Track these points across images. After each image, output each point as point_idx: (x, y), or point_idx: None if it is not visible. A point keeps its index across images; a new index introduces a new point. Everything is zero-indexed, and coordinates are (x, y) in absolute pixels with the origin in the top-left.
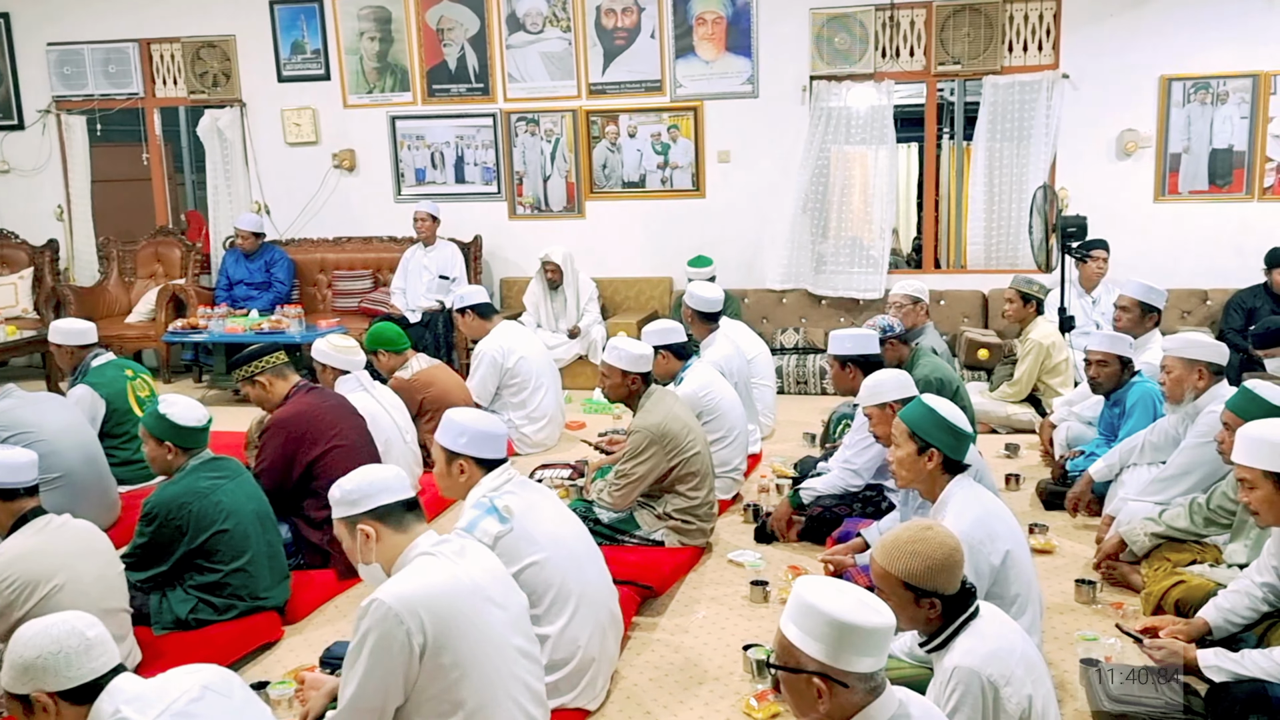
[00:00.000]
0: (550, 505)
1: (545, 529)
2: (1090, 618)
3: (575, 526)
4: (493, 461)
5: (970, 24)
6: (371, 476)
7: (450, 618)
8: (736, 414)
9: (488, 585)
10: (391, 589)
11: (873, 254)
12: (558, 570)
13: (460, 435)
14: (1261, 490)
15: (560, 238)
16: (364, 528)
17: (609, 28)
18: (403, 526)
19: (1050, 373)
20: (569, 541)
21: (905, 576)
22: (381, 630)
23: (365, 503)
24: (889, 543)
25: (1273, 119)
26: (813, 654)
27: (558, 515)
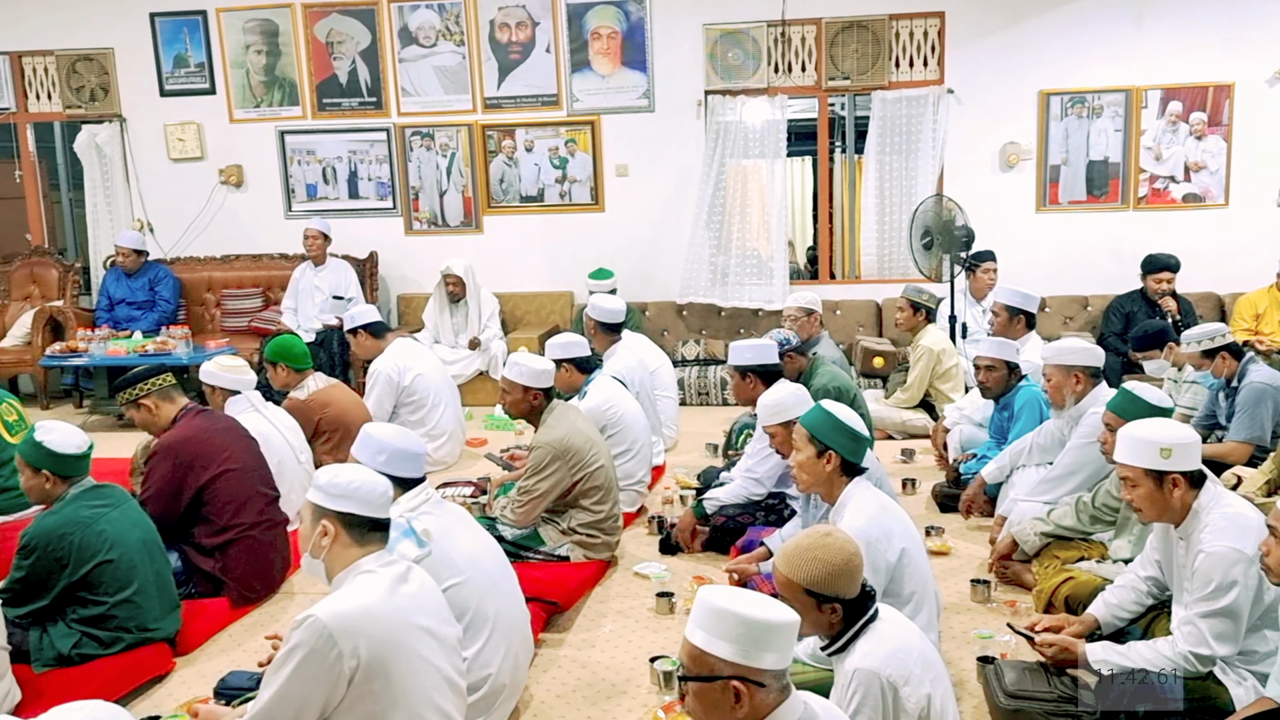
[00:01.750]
0: (467, 526)
1: (464, 551)
2: (986, 616)
3: (491, 548)
4: (410, 481)
5: (859, 40)
6: (362, 483)
7: (386, 644)
8: (640, 426)
9: (424, 613)
10: (331, 607)
11: (771, 266)
12: (475, 593)
13: (379, 453)
14: (1143, 488)
15: (458, 253)
16: (326, 523)
17: (503, 42)
18: (362, 541)
19: (941, 379)
20: (486, 564)
21: (807, 583)
22: (312, 647)
23: (340, 502)
24: (790, 550)
25: (1145, 132)
26: (725, 656)
27: (474, 537)
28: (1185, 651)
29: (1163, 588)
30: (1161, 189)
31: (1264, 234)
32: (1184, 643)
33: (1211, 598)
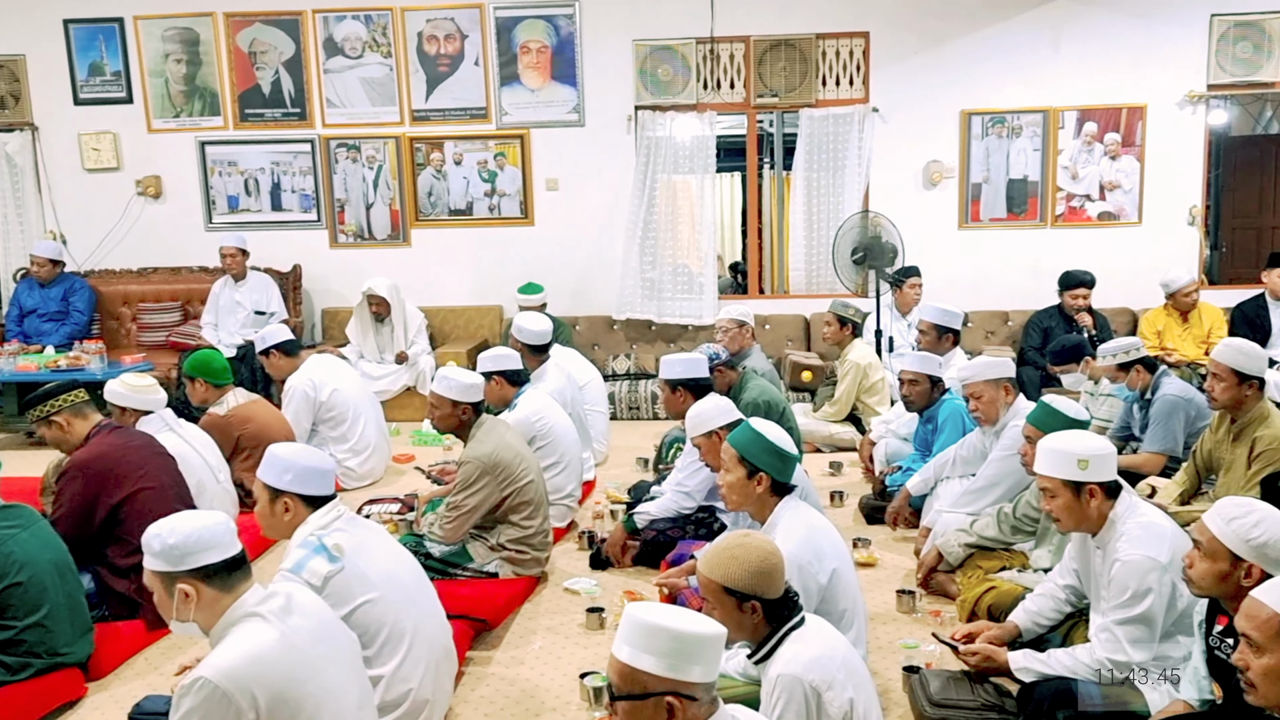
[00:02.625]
0: (381, 542)
1: (378, 567)
2: (911, 626)
3: (408, 563)
4: (320, 498)
5: (786, 59)
6: (196, 531)
7: (284, 685)
8: (570, 440)
9: (319, 640)
10: (217, 664)
11: (701, 281)
12: (391, 609)
13: (285, 472)
14: (1061, 498)
15: (385, 267)
16: (184, 587)
17: (431, 54)
18: (228, 586)
19: (868, 392)
20: (402, 579)
21: (725, 581)
22: (206, 711)
23: (189, 560)
24: (710, 552)
25: (1062, 151)
26: (655, 671)
27: (390, 552)
28: (1102, 658)
29: (1081, 596)
30: (1078, 207)
31: (1175, 251)
32: (1101, 649)
33: (1127, 605)
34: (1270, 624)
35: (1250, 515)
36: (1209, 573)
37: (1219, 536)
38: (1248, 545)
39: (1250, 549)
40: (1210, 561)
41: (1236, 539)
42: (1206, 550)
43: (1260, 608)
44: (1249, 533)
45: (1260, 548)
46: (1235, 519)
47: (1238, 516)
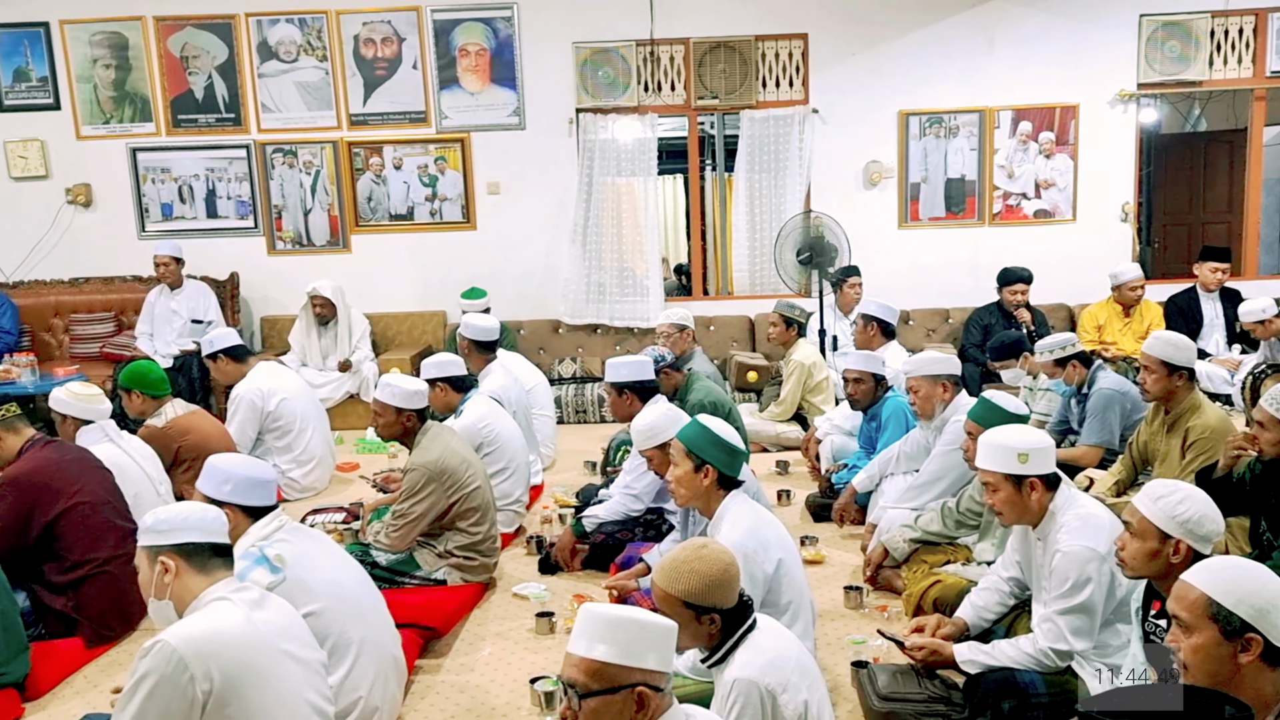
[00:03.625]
0: (326, 551)
1: (321, 576)
2: (859, 622)
3: (354, 571)
4: (261, 509)
5: (726, 61)
6: (188, 511)
7: (241, 668)
8: (517, 445)
9: (285, 638)
10: (180, 631)
11: (646, 283)
12: (336, 619)
13: (224, 483)
14: (1003, 492)
15: (325, 273)
16: (165, 560)
17: (368, 58)
18: (206, 569)
19: (813, 391)
20: (348, 588)
21: (685, 596)
22: (162, 674)
23: (174, 535)
24: (667, 564)
25: (998, 151)
26: (618, 661)
27: (334, 561)
28: (1045, 648)
29: (1024, 587)
30: (1014, 205)
31: (1109, 247)
32: (1044, 639)
33: (1068, 595)
34: (1198, 604)
35: (1176, 493)
36: (1139, 552)
37: (1147, 515)
38: (1174, 522)
39: (1177, 525)
40: (1140, 541)
41: (1164, 516)
42: (1136, 530)
43: (1189, 589)
44: (1175, 509)
45: (1186, 523)
46: (1162, 498)
47: (1164, 495)
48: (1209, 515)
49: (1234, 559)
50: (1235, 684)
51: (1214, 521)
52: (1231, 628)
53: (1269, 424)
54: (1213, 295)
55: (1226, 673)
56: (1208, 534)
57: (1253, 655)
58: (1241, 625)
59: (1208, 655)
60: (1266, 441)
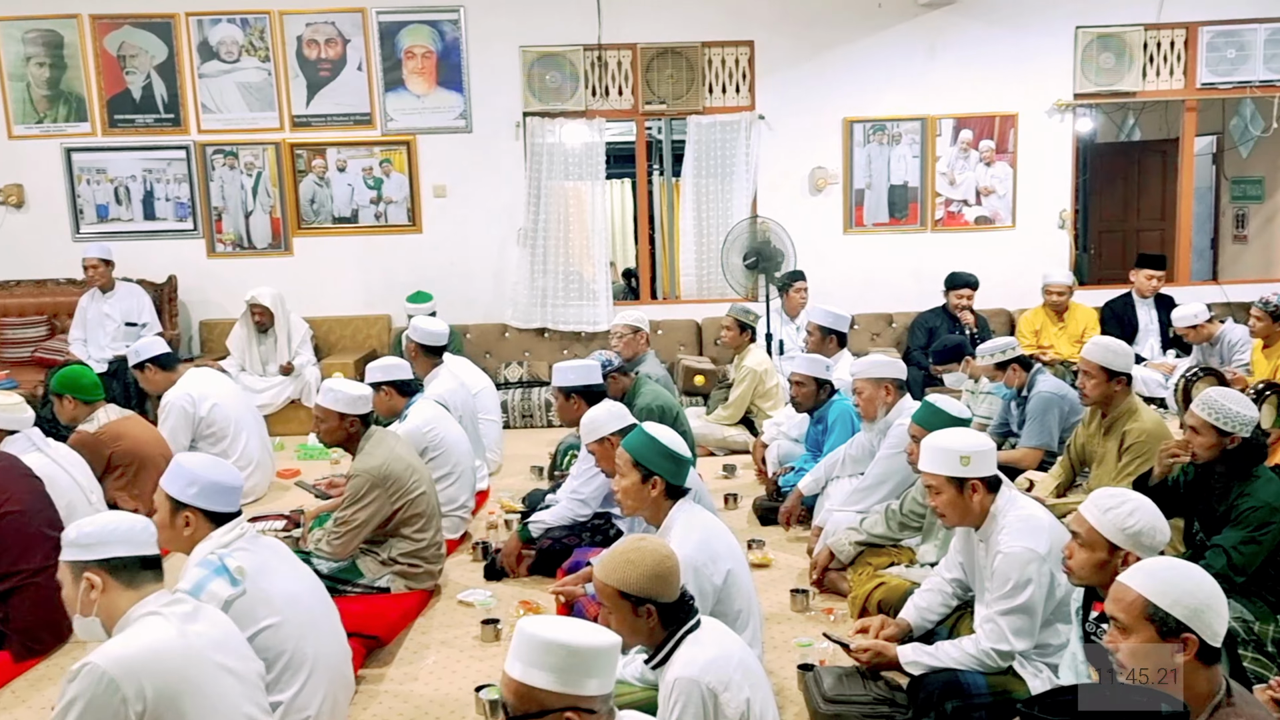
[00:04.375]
0: (286, 563)
1: (281, 589)
2: (805, 625)
3: (311, 584)
4: (223, 515)
5: (673, 66)
6: (113, 524)
7: (175, 685)
8: (462, 450)
9: (221, 651)
10: (109, 651)
11: (594, 287)
12: (293, 634)
13: (190, 484)
14: (946, 494)
15: (266, 276)
16: (90, 576)
17: (312, 58)
18: (135, 584)
19: (763, 397)
20: (305, 601)
21: (621, 585)
22: (92, 697)
23: (98, 549)
24: (605, 557)
25: (939, 158)
26: (551, 687)
27: (293, 573)
28: (987, 648)
29: (966, 588)
30: (956, 212)
31: (1047, 254)
32: (986, 640)
33: (1009, 595)
34: (1135, 606)
35: (1125, 505)
36: (1088, 562)
37: (1097, 527)
38: (1124, 534)
39: (1126, 537)
40: (1089, 551)
41: (1113, 528)
42: (1085, 541)
43: (1126, 591)
44: (1124, 521)
45: (1135, 535)
46: (1111, 509)
47: (1113, 507)
48: (1158, 527)
49: (1169, 560)
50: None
51: (1162, 533)
52: (1167, 628)
53: (1201, 428)
54: (1147, 301)
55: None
56: (1155, 545)
57: (1188, 655)
58: (1177, 625)
59: (1145, 656)
60: (1199, 445)
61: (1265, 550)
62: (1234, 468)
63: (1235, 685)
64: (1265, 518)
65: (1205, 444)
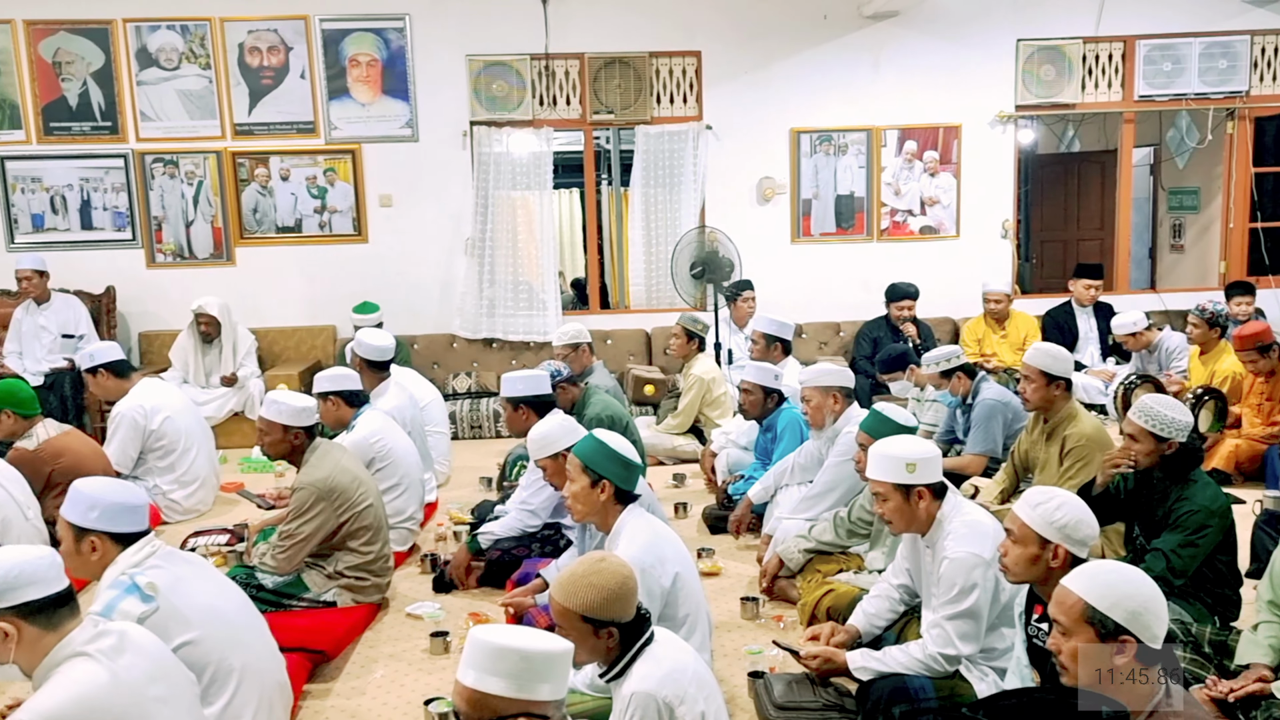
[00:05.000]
0: (203, 576)
1: (198, 603)
2: (755, 632)
3: (233, 596)
4: (131, 535)
5: (621, 76)
6: (17, 565)
7: None
8: (410, 461)
9: (153, 681)
10: (39, 708)
11: (543, 297)
12: (215, 647)
13: (90, 509)
14: (893, 501)
15: (208, 286)
16: (3, 626)
17: (254, 66)
18: (53, 624)
19: (711, 405)
20: (226, 614)
21: (584, 610)
22: None
23: (8, 596)
24: (565, 579)
25: (885, 169)
26: (504, 693)
27: (212, 587)
28: (934, 653)
29: (913, 594)
30: (901, 222)
31: (991, 263)
32: (933, 644)
33: (955, 600)
34: (1075, 608)
35: (1053, 500)
36: (1021, 558)
37: (1027, 522)
38: (1052, 527)
39: (1055, 530)
40: (1021, 547)
41: (1042, 522)
42: (1018, 537)
43: (1067, 594)
44: (1052, 515)
45: (1063, 528)
46: (1040, 504)
47: (1042, 502)
48: (1084, 520)
49: (1110, 563)
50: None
51: (1089, 526)
52: (1106, 630)
53: (1139, 435)
54: (1087, 310)
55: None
56: (1084, 538)
57: (1127, 657)
58: (1116, 628)
59: (1086, 657)
60: (1138, 452)
61: (1203, 553)
62: (1172, 473)
63: (1175, 686)
64: (1203, 521)
65: (1144, 451)
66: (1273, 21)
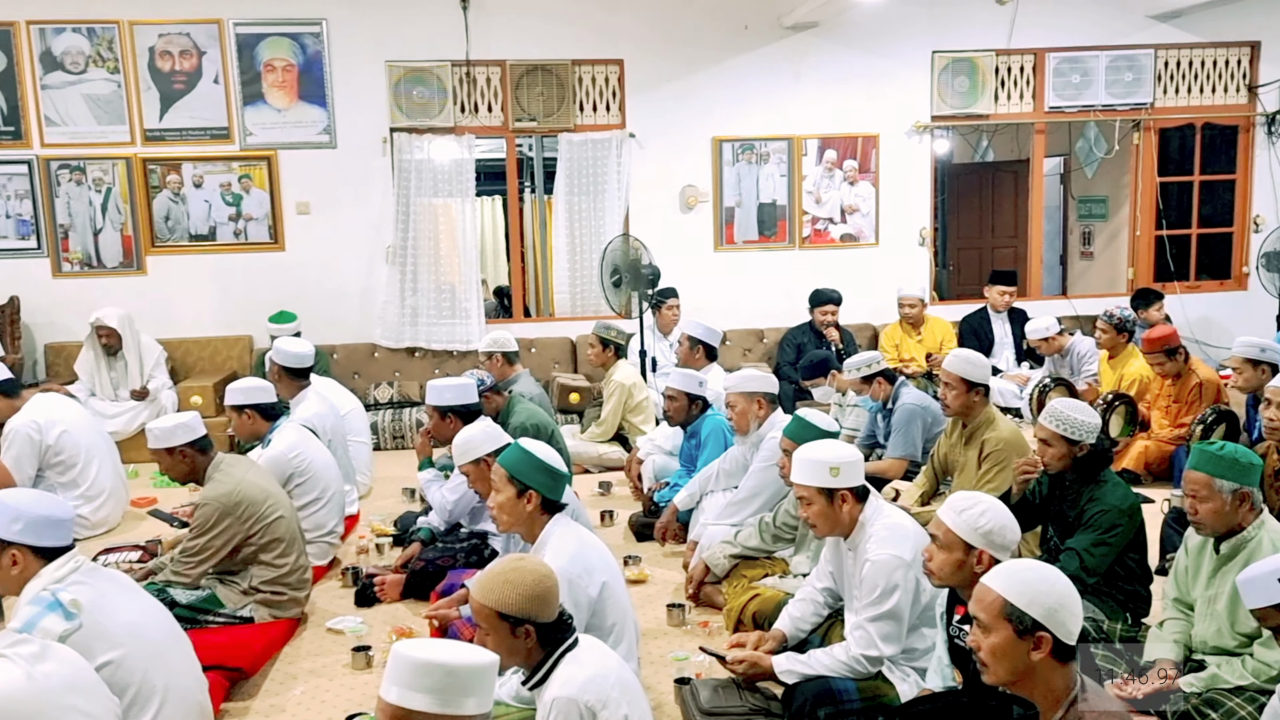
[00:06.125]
0: (126, 594)
1: (122, 621)
2: (682, 639)
3: (157, 615)
4: (54, 550)
5: (543, 83)
6: None
7: None
8: (331, 474)
9: (72, 690)
10: None
11: (466, 305)
12: (138, 666)
13: (14, 521)
14: (817, 505)
15: (118, 296)
16: None
17: (165, 71)
18: None
19: (634, 412)
20: (150, 632)
21: (499, 606)
22: None
23: None
24: (483, 577)
25: (806, 177)
26: (428, 709)
27: (136, 604)
28: (857, 654)
29: (837, 597)
30: (822, 230)
31: (909, 270)
32: (856, 646)
33: (877, 602)
34: (994, 605)
35: (977, 506)
36: (946, 563)
37: (952, 528)
38: (977, 533)
39: (979, 536)
40: (947, 552)
41: (967, 528)
42: (943, 542)
43: (987, 591)
44: (977, 521)
45: (987, 534)
46: (965, 510)
47: (967, 508)
48: (1008, 526)
49: (1028, 562)
50: (1030, 680)
51: (1013, 531)
52: (1024, 627)
53: (1052, 440)
54: (1002, 315)
55: (1022, 670)
56: (1007, 543)
57: (1044, 652)
58: (1033, 624)
59: (1004, 654)
60: (1051, 456)
61: (1115, 551)
62: (1083, 474)
63: (1088, 681)
64: (1114, 520)
65: (1057, 454)
66: (1175, 36)
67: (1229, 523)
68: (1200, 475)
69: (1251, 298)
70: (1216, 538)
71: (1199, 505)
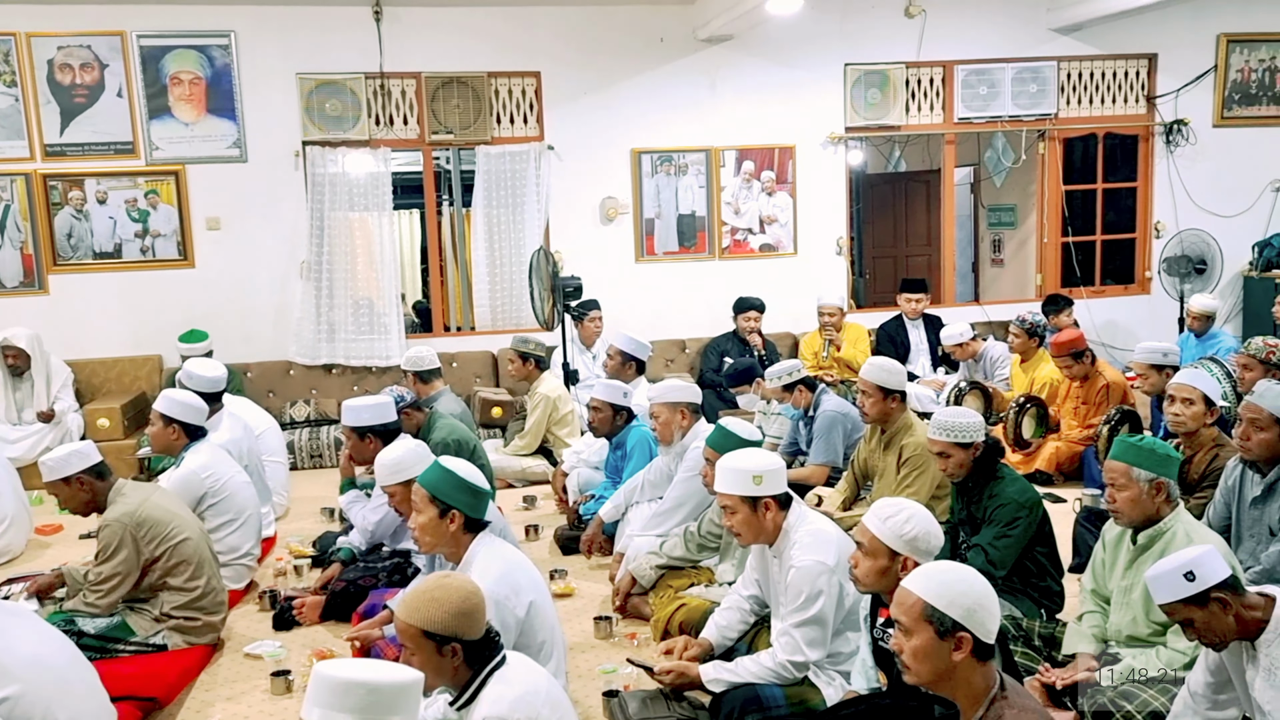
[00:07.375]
0: (24, 625)
1: (21, 654)
2: (610, 651)
3: (60, 646)
4: None
5: (459, 96)
6: None
7: None
8: (246, 495)
9: None
10: None
11: (385, 320)
12: (39, 700)
13: None
14: (740, 513)
15: (19, 317)
16: None
17: (65, 84)
18: None
19: (558, 424)
20: (52, 665)
21: (425, 625)
22: None
23: None
24: (407, 596)
25: (724, 188)
26: None
27: (35, 636)
28: (783, 660)
29: (763, 604)
30: (742, 240)
31: (827, 279)
32: (782, 653)
33: (802, 608)
34: (915, 608)
35: (902, 513)
36: (872, 570)
37: (878, 535)
38: (901, 540)
39: (904, 543)
40: (872, 559)
41: (892, 535)
42: (868, 549)
43: (907, 595)
44: (901, 528)
45: (912, 541)
46: (890, 518)
47: (892, 515)
48: (932, 532)
49: (946, 564)
50: (953, 680)
51: (936, 538)
52: (944, 628)
53: (948, 450)
54: (916, 322)
55: (944, 670)
56: (930, 549)
57: (964, 652)
58: (953, 625)
59: (926, 655)
60: (953, 466)
61: (1018, 542)
62: (981, 470)
63: (1008, 679)
64: (1013, 513)
65: (958, 462)
66: (1077, 49)
67: (1145, 512)
68: (1119, 464)
69: (1154, 301)
70: (1134, 529)
71: (1117, 494)
